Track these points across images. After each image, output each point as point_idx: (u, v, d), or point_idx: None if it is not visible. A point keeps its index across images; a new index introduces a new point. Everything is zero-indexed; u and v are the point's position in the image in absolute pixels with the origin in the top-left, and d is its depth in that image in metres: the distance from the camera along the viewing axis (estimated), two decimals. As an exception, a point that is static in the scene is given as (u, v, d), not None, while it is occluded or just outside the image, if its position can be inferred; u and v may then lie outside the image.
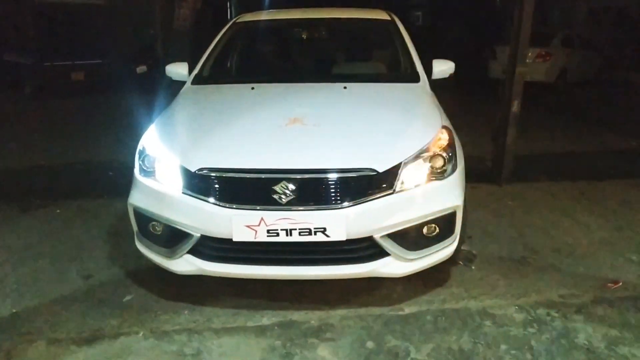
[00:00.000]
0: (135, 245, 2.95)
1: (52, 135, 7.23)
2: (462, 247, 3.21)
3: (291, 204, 2.45)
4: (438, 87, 3.65)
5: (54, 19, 11.01)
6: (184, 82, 3.71)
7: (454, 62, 3.72)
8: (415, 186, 2.57)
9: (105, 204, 4.40)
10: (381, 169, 2.49)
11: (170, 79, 3.83)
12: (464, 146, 3.06)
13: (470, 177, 2.87)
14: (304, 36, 4.34)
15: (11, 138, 6.99)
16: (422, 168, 2.61)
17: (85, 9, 11.79)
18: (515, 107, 4.67)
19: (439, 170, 2.66)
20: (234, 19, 4.32)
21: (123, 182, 4.83)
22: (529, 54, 10.87)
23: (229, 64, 4.24)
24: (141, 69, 10.59)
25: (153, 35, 12.44)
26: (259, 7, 14.80)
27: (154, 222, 2.73)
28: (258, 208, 2.45)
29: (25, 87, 10.29)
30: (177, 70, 3.72)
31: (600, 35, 14.95)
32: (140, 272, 3.18)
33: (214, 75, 3.85)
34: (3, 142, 6.76)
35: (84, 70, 10.46)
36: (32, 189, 4.82)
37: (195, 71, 3.72)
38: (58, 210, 4.27)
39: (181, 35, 12.40)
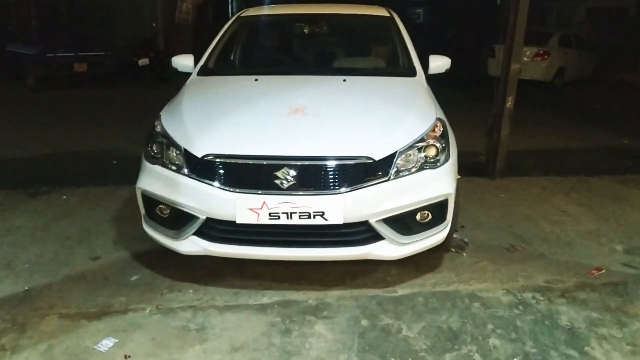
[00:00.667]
0: (141, 229, 3.09)
1: (56, 126, 7.35)
2: (454, 235, 3.37)
3: (292, 189, 2.59)
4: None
5: (57, 10, 11.09)
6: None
7: (453, 59, 3.86)
8: (410, 174, 2.72)
9: (110, 190, 4.54)
10: (377, 157, 2.64)
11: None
12: (460, 140, 3.21)
13: (465, 171, 3.00)
14: (306, 31, 4.47)
15: (15, 128, 7.11)
16: (416, 157, 2.76)
17: (88, 1, 11.87)
18: (510, 103, 4.82)
19: (432, 160, 2.81)
20: (238, 13, 4.46)
21: (127, 170, 4.98)
22: (527, 53, 11.03)
23: (232, 57, 4.36)
24: (143, 61, 10.69)
25: (155, 28, 12.55)
26: (258, 2, 14.93)
27: (161, 205, 2.87)
28: (261, 192, 2.59)
29: (28, 77, 10.38)
30: (183, 62, 3.85)
31: (598, 35, 15.11)
32: (145, 254, 3.32)
33: (219, 67, 3.98)
34: (8, 131, 6.89)
35: (87, 62, 10.56)
36: (39, 176, 4.94)
37: (201, 63, 3.85)
38: (64, 197, 4.40)
39: (183, 29, 12.53)
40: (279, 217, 2.58)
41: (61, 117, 8.07)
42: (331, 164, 2.61)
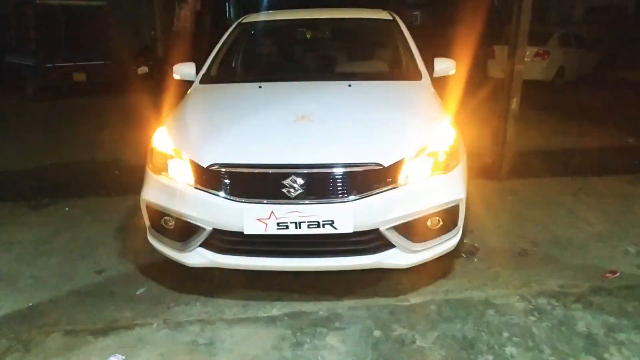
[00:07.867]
0: (145, 241, 3.03)
1: (57, 136, 7.30)
2: (464, 240, 3.31)
3: (300, 198, 2.53)
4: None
5: (55, 20, 11.05)
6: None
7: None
8: (420, 180, 2.66)
9: (112, 202, 4.48)
10: (387, 163, 2.58)
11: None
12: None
13: (471, 174, 2.96)
14: (309, 36, 4.43)
15: (15, 139, 7.07)
16: (426, 162, 2.70)
17: (87, 10, 11.82)
18: (514, 104, 4.77)
19: (442, 165, 2.75)
20: (240, 20, 4.41)
21: (129, 180, 4.94)
22: (527, 53, 10.95)
23: (234, 64, 4.32)
24: (142, 69, 10.67)
25: (154, 36, 12.53)
26: (255, 8, 14.89)
27: (166, 217, 2.81)
28: (268, 202, 2.53)
29: (27, 88, 10.35)
30: (185, 70, 3.80)
31: (597, 34, 15.08)
32: (150, 266, 3.26)
33: (221, 74, 3.93)
34: (8, 142, 6.84)
35: (86, 71, 10.53)
36: (40, 188, 4.87)
37: (203, 71, 3.81)
38: (67, 209, 4.35)
39: (182, 36, 12.49)
40: (287, 227, 2.52)
41: (61, 127, 8.02)
42: (339, 171, 2.56)
